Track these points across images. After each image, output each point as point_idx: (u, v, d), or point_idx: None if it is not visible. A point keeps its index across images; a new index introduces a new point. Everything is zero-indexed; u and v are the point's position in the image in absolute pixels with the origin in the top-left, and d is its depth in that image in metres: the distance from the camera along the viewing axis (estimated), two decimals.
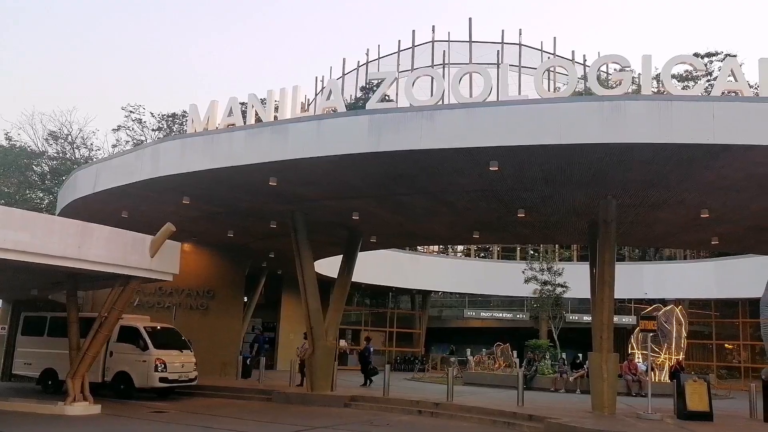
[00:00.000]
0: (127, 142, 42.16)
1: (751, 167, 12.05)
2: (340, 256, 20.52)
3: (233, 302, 24.88)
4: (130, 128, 42.29)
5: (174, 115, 42.73)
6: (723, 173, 12.58)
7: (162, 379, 17.28)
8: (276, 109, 15.22)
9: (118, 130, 42.49)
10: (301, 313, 19.43)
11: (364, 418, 15.09)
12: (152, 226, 15.12)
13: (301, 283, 18.51)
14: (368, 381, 21.30)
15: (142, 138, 41.75)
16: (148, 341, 17.48)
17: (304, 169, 13.91)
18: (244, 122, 15.09)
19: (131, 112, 42.22)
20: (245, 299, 27.45)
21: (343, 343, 35.56)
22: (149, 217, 17.93)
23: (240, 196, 16.37)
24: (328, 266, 23.99)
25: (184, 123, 39.03)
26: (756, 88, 12.18)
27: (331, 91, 14.74)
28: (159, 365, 17.23)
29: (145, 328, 17.90)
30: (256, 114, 15.26)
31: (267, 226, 19.37)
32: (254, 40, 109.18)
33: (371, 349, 22.27)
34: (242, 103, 17.35)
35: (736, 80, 12.33)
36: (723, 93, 12.24)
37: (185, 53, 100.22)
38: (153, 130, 42.81)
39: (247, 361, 23.38)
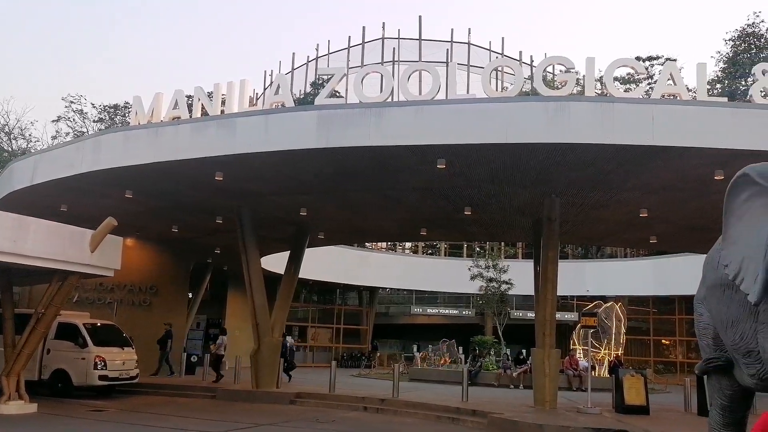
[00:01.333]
0: (68, 133, 40.99)
1: (688, 168, 12.47)
2: (288, 252, 20.38)
3: (177, 298, 24.44)
4: (71, 119, 41.11)
5: (116, 107, 41.70)
6: (661, 174, 12.98)
7: (102, 377, 16.85)
8: (223, 102, 15.00)
9: (58, 120, 41.29)
10: (247, 309, 19.23)
11: (309, 415, 15.03)
12: (93, 220, 14.71)
13: (247, 279, 18.32)
14: (288, 377, 20.98)
15: (83, 129, 40.61)
16: (88, 338, 17.02)
17: (251, 164, 13.76)
18: (190, 116, 14.82)
19: (72, 102, 41.05)
20: (190, 295, 27.01)
21: (289, 339, 35.36)
22: (90, 211, 17.44)
23: (185, 190, 16.07)
24: (275, 262, 23.80)
25: (127, 114, 38.11)
26: (694, 91, 12.59)
27: (279, 85, 14.58)
28: (99, 363, 16.80)
29: (84, 324, 17.41)
30: (203, 107, 15.00)
31: (213, 222, 19.09)
32: (202, 33, 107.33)
33: (288, 345, 21.99)
34: (188, 96, 17.01)
35: (675, 84, 12.72)
36: (663, 96, 12.61)
37: (130, 45, 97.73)
38: (95, 121, 41.72)
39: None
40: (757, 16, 42.59)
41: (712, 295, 6.60)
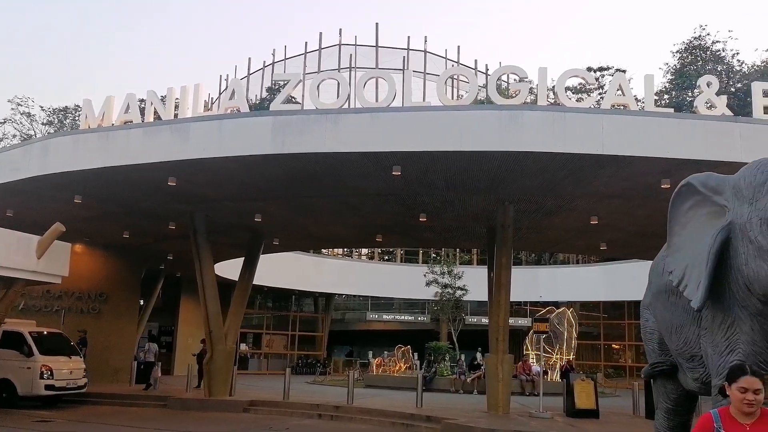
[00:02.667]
0: (15, 136, 39.83)
1: (636, 177, 12.79)
2: (242, 259, 20.18)
3: (128, 306, 23.93)
4: (18, 122, 39.96)
5: (66, 109, 40.71)
6: (611, 182, 13.29)
7: (48, 387, 16.39)
8: (176, 107, 14.80)
9: (3, 123, 40.06)
10: (200, 316, 18.95)
11: (263, 423, 14.89)
12: (40, 225, 14.34)
13: (201, 285, 18.07)
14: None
15: (31, 132, 39.52)
16: (34, 347, 16.54)
17: (205, 169, 13.59)
18: (142, 120, 14.58)
19: (19, 104, 39.92)
20: (141, 302, 26.49)
21: (243, 347, 34.98)
22: (37, 217, 16.97)
23: (137, 195, 15.79)
24: (230, 268, 23.52)
25: (77, 118, 37.25)
26: (642, 102, 12.95)
27: (234, 90, 14.47)
28: (45, 372, 16.34)
29: (30, 333, 16.92)
30: (155, 112, 14.78)
31: (165, 227, 18.79)
32: (157, 37, 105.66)
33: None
34: (141, 100, 16.76)
35: (623, 95, 13.05)
36: (612, 106, 12.93)
37: (82, 47, 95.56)
38: (43, 124, 40.66)
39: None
40: (704, 29, 44.09)
41: (657, 301, 6.79)
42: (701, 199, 5.70)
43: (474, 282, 28.98)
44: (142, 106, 15.65)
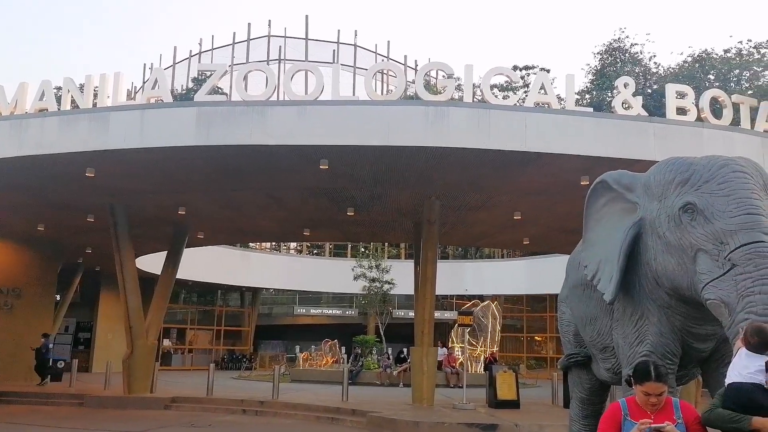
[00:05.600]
0: None
1: (557, 173, 13.17)
2: (165, 252, 19.68)
3: (43, 301, 22.97)
4: None
5: None
6: (533, 178, 13.64)
7: None
8: (96, 96, 14.25)
9: None
10: (121, 311, 18.39)
11: (185, 419, 14.58)
12: None
13: (121, 280, 17.54)
14: (45, 378, 20.24)
15: None
16: None
17: (126, 160, 13.16)
18: (59, 108, 13.95)
19: None
20: (57, 297, 25.49)
21: (167, 342, 34.18)
22: None
23: (52, 186, 15.14)
24: (152, 262, 22.91)
25: None
26: (564, 101, 13.34)
27: (157, 79, 14.03)
28: None
29: None
30: (73, 100, 14.20)
31: (83, 220, 18.11)
32: (78, 22, 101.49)
33: (49, 346, 21.34)
34: (57, 88, 16.05)
35: (546, 93, 13.39)
36: (535, 104, 13.25)
37: None
38: None
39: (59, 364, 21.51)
40: (623, 31, 45.78)
41: (573, 294, 7.00)
42: (615, 196, 5.90)
43: (401, 276, 29.23)
44: (59, 94, 14.97)
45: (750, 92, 30.33)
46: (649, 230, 5.32)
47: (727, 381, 3.88)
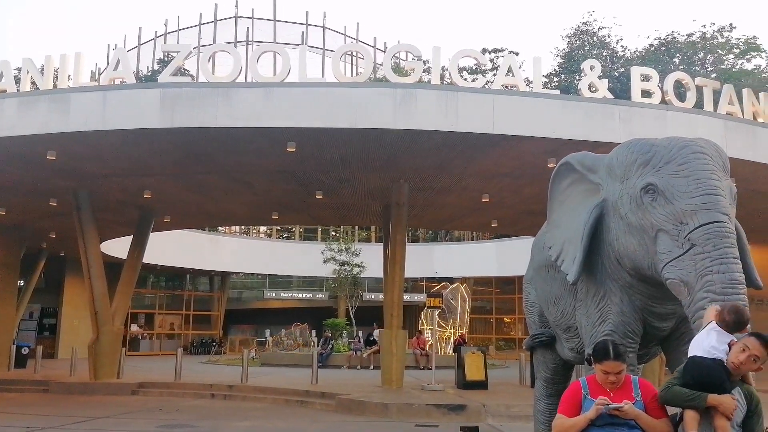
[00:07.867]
0: None
1: (524, 156, 13.24)
2: (131, 237, 19.40)
3: (5, 287, 22.52)
4: None
5: None
6: (501, 161, 13.70)
7: None
8: (57, 77, 13.91)
9: None
10: (86, 297, 18.11)
11: (152, 405, 14.47)
12: None
13: (86, 265, 17.27)
14: None
15: None
16: None
17: (88, 143, 12.90)
18: (18, 90, 13.59)
19: None
20: (21, 283, 25.03)
21: (135, 327, 33.84)
22: None
23: (12, 170, 14.77)
24: (118, 247, 22.58)
25: None
26: (531, 84, 13.39)
27: (119, 60, 13.72)
28: None
29: None
30: (33, 81, 13.85)
31: (46, 204, 17.74)
32: (38, 2, 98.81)
33: None
34: (17, 69, 15.63)
35: (513, 75, 13.41)
36: (503, 87, 13.26)
37: None
38: None
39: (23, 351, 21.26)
40: (591, 15, 46.06)
41: (538, 275, 7.06)
42: (578, 177, 5.93)
43: (371, 259, 29.25)
44: (18, 75, 14.58)
45: (714, 75, 30.82)
46: (612, 211, 5.36)
47: (690, 354, 3.92)
